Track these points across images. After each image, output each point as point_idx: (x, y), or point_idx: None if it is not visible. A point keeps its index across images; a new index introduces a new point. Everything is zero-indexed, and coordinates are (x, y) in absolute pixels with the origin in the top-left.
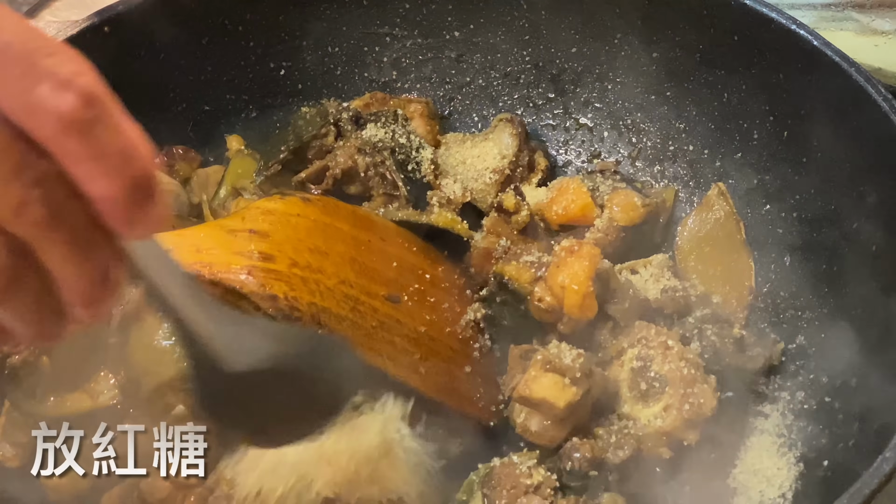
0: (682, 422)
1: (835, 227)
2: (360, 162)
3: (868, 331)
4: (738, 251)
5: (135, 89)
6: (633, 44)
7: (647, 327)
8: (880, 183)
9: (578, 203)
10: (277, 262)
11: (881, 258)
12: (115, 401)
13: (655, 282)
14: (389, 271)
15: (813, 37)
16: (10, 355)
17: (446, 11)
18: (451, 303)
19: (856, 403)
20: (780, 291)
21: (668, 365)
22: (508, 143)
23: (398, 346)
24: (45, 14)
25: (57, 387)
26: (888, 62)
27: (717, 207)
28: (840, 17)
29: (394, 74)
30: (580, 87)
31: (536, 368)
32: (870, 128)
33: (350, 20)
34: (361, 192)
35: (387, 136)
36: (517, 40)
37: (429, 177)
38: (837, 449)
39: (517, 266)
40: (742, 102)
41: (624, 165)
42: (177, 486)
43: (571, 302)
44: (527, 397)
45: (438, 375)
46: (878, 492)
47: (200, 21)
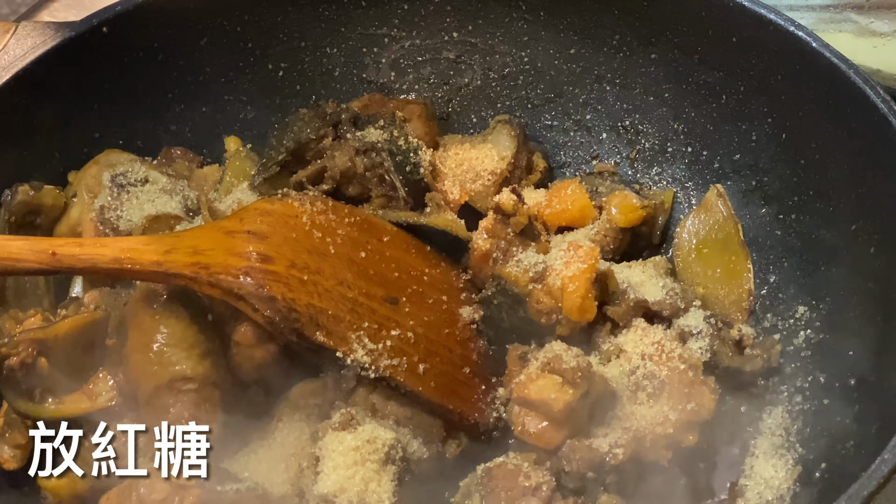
0: (681, 423)
1: (833, 229)
2: (359, 163)
3: (866, 333)
4: (737, 253)
5: (133, 90)
6: (631, 45)
7: (645, 329)
8: (879, 184)
9: (577, 205)
10: (276, 263)
11: (879, 260)
12: (114, 402)
13: (654, 283)
14: (388, 273)
15: (812, 38)
16: (9, 357)
17: (444, 13)
18: (449, 304)
19: (854, 405)
20: (779, 293)
21: (666, 367)
22: (507, 144)
23: (396, 347)
24: (43, 14)
25: (55, 388)
26: (887, 64)
27: (716, 209)
28: (839, 18)
29: (392, 76)
30: (578, 88)
31: (535, 370)
32: (868, 129)
33: (348, 21)
34: (360, 193)
35: (385, 138)
36: (516, 41)
37: (427, 178)
38: (835, 451)
39: (515, 268)
40: (740, 104)
41: (622, 167)
42: (175, 488)
43: (570, 304)
44: (525, 398)
45: (437, 377)
46: (877, 493)
47: (198, 22)
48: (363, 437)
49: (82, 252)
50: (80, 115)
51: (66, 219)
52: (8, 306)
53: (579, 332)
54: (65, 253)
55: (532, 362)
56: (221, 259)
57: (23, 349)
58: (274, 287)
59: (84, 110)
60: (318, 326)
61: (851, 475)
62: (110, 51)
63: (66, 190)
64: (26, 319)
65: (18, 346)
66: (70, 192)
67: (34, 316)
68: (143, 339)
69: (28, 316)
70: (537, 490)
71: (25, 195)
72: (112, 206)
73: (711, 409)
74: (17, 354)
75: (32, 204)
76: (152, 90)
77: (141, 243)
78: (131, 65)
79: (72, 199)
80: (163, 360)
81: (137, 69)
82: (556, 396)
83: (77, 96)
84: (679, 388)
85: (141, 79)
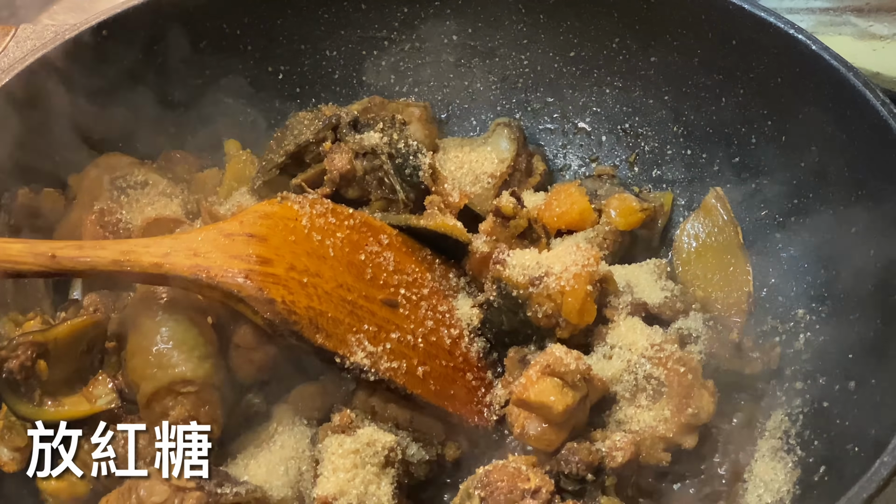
0: (680, 426)
1: (833, 232)
2: (358, 166)
3: (866, 335)
4: (736, 255)
5: (133, 93)
6: (630, 48)
7: (645, 331)
8: (878, 187)
9: (576, 207)
10: (275, 265)
11: (879, 262)
12: (114, 405)
13: (653, 286)
14: (387, 276)
15: (811, 41)
16: (8, 359)
17: (444, 16)
18: (448, 307)
19: (854, 408)
20: (778, 296)
21: (666, 369)
22: (506, 147)
23: (396, 350)
24: (42, 18)
25: (55, 391)
26: (886, 66)
27: (715, 212)
28: (838, 21)
29: (392, 78)
30: (578, 91)
31: (535, 372)
32: (868, 132)
33: (348, 24)
34: (359, 195)
35: (385, 141)
36: (515, 44)
37: (427, 181)
38: (835, 453)
39: (515, 271)
40: (740, 107)
41: (622, 170)
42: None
43: (570, 306)
44: (525, 401)
45: (437, 379)
46: (876, 496)
47: (198, 25)
48: (363, 440)
49: (82, 254)
50: (79, 118)
51: (66, 221)
52: (7, 309)
53: (579, 335)
54: (64, 255)
55: (532, 365)
56: (221, 261)
57: (22, 352)
58: (273, 289)
59: (84, 113)
60: (318, 329)
61: (851, 478)
62: (110, 54)
63: (65, 193)
64: (26, 322)
65: (18, 349)
66: (70, 195)
67: (34, 319)
68: (143, 342)
69: (27, 319)
70: (537, 492)
71: (25, 198)
72: (112, 209)
73: (711, 411)
74: (16, 357)
75: (32, 207)
76: (152, 93)
77: (140, 246)
78: (131, 68)
79: (72, 201)
80: (162, 362)
81: (137, 72)
82: (555, 399)
83: (77, 99)
84: (678, 390)
85: (140, 82)
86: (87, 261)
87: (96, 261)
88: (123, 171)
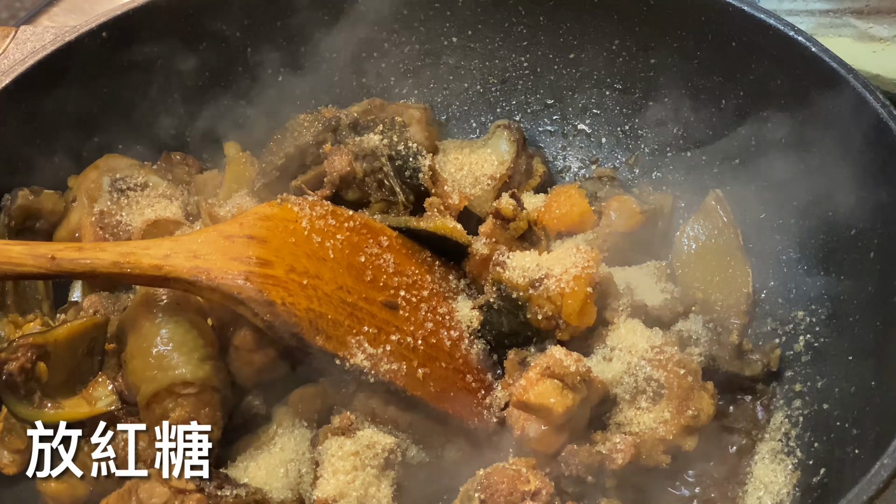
0: (680, 428)
1: (832, 234)
2: (358, 168)
3: (866, 337)
4: (736, 258)
5: (132, 95)
6: (630, 50)
7: (645, 333)
8: (878, 189)
9: (576, 209)
10: (275, 267)
11: (879, 264)
12: (114, 407)
13: (653, 288)
14: (387, 277)
15: (811, 43)
16: (8, 361)
17: (444, 18)
18: (448, 309)
19: (854, 410)
20: (778, 298)
21: (666, 371)
22: (506, 149)
23: (396, 352)
24: (42, 19)
25: (54, 393)
26: (886, 68)
27: (715, 214)
28: (838, 23)
29: (392, 80)
30: (578, 93)
31: (535, 374)
32: (868, 134)
33: (348, 26)
34: (359, 197)
35: (385, 143)
36: (515, 46)
37: (426, 183)
38: (835, 456)
39: (515, 272)
40: (739, 109)
41: (622, 171)
42: (175, 492)
43: (570, 308)
44: (525, 403)
45: (437, 381)
46: (876, 498)
47: (198, 27)
48: (362, 442)
49: (82, 256)
50: (79, 120)
51: (66, 223)
52: (7, 311)
53: (579, 337)
54: (64, 257)
55: (532, 367)
56: (221, 263)
57: (22, 354)
58: (273, 291)
59: (84, 115)
60: (318, 331)
61: (851, 480)
62: (110, 55)
63: (65, 194)
64: (26, 324)
65: (18, 351)
66: (70, 197)
67: (33, 320)
68: (143, 344)
69: (27, 320)
70: (537, 495)
71: (25, 199)
72: (112, 211)
73: (711, 413)
74: (16, 359)
75: (32, 208)
76: (152, 95)
77: (140, 247)
78: (130, 69)
79: (71, 203)
80: (162, 364)
81: (137, 74)
82: (555, 401)
83: (77, 101)
84: (678, 392)
85: (140, 83)
86: (86, 263)
87: (96, 263)
88: (123, 173)
